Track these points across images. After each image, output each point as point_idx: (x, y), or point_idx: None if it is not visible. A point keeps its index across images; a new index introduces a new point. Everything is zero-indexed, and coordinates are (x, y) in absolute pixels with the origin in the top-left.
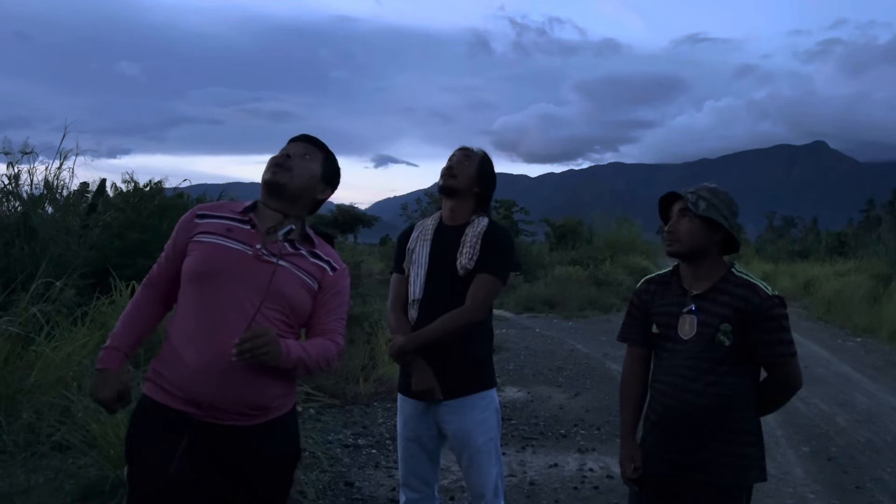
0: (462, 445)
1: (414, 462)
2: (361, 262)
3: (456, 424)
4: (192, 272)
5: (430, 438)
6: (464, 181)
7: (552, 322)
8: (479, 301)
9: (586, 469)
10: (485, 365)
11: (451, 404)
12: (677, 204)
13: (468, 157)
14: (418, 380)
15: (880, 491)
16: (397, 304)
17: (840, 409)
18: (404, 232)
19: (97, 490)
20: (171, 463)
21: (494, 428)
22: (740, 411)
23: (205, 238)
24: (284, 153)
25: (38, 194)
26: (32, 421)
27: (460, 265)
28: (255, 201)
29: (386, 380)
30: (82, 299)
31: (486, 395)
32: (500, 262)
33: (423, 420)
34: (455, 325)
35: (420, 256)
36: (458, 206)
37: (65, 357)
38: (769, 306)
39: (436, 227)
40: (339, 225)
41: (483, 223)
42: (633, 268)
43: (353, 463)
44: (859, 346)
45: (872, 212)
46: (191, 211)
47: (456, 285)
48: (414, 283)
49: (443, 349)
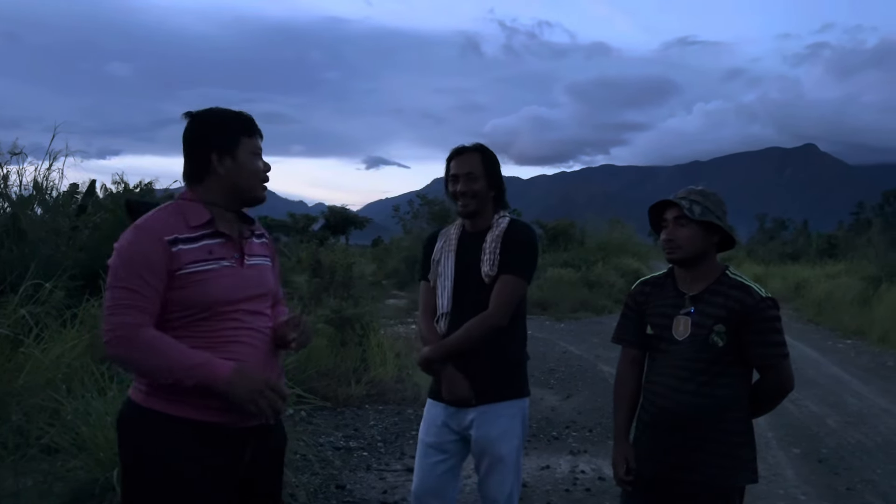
0: (483, 452)
1: (431, 471)
2: (353, 263)
3: (481, 430)
4: (203, 305)
5: (452, 445)
6: (481, 200)
7: (544, 324)
8: (502, 304)
9: (578, 471)
10: (516, 371)
11: (480, 410)
12: (671, 211)
13: (472, 170)
14: (450, 387)
15: (870, 492)
16: (427, 313)
17: (831, 411)
18: (429, 239)
19: (87, 493)
20: (229, 478)
21: (518, 438)
22: (733, 412)
23: (195, 268)
24: (267, 170)
25: (28, 195)
26: (21, 423)
27: (484, 273)
28: (211, 215)
29: (377, 382)
30: (72, 301)
31: (515, 403)
32: (521, 262)
33: (448, 428)
34: (479, 332)
35: (446, 269)
36: (479, 215)
37: (54, 359)
38: (762, 308)
39: (459, 236)
40: (330, 226)
41: (503, 225)
42: (625, 270)
43: (345, 465)
44: (850, 348)
45: (862, 214)
46: (153, 240)
47: (483, 294)
48: (441, 296)
49: (474, 354)
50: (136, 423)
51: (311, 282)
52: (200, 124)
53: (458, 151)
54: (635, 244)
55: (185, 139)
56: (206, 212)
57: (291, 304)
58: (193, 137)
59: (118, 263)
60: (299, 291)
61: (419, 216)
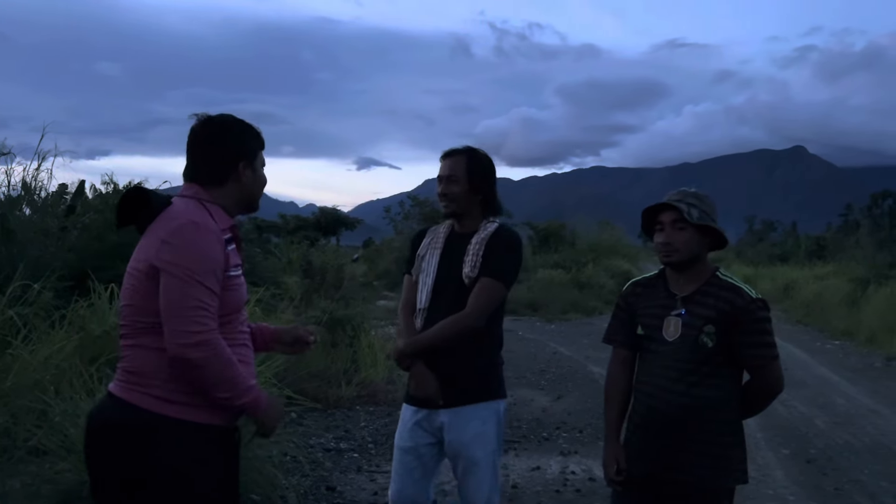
0: (457, 455)
1: (408, 477)
2: (344, 264)
3: (454, 434)
4: (234, 307)
5: (426, 449)
6: (461, 204)
7: (535, 325)
8: (479, 306)
9: (568, 472)
10: (490, 374)
11: (452, 412)
12: (667, 214)
13: (452, 173)
14: (417, 385)
15: (858, 492)
16: (406, 308)
17: (819, 412)
18: (417, 235)
19: (75, 495)
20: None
21: (494, 441)
22: (723, 413)
23: (234, 272)
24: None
25: (16, 195)
26: (9, 425)
27: (464, 274)
28: (232, 220)
29: (368, 383)
30: (60, 302)
31: (488, 405)
32: (503, 266)
33: (421, 429)
34: (453, 331)
35: (429, 265)
36: (464, 218)
37: (42, 360)
38: (753, 309)
39: (447, 236)
40: (321, 227)
41: (490, 229)
42: (616, 271)
43: (335, 467)
44: (838, 349)
45: (851, 216)
46: (218, 239)
47: (462, 294)
48: (421, 292)
49: (447, 355)
50: (153, 432)
51: (302, 283)
52: (234, 130)
53: (446, 154)
54: (625, 246)
55: (211, 141)
56: (226, 216)
57: (282, 305)
58: (226, 142)
59: (193, 260)
60: (290, 293)
61: (410, 217)
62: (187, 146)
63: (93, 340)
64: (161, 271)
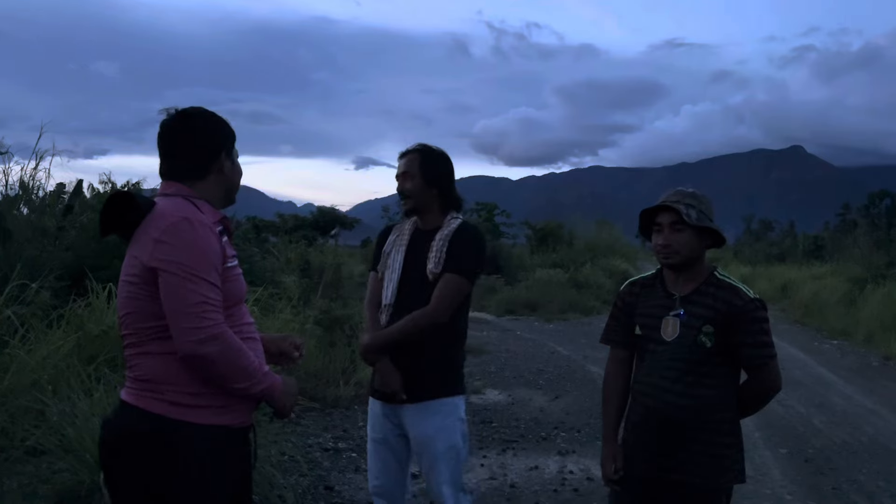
0: (422, 450)
1: (382, 465)
2: (342, 264)
3: (417, 429)
4: (237, 298)
5: (396, 440)
6: (418, 199)
7: (533, 325)
8: (443, 301)
9: (566, 472)
10: (451, 370)
11: (414, 407)
12: (666, 215)
13: (407, 170)
14: (381, 380)
15: (856, 492)
16: (372, 303)
17: (817, 411)
18: (382, 232)
19: (73, 495)
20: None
21: (457, 436)
22: (720, 413)
23: (231, 263)
24: None
25: (14, 195)
26: (6, 425)
27: (429, 270)
28: (221, 213)
29: (366, 383)
30: (58, 301)
31: (449, 401)
32: (466, 262)
33: (388, 421)
34: (416, 326)
35: (395, 262)
36: (424, 214)
37: (40, 360)
38: (750, 309)
39: (412, 233)
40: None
41: (453, 226)
42: (613, 270)
43: (333, 467)
44: (835, 349)
45: (848, 216)
46: (213, 232)
47: (427, 291)
48: (386, 288)
49: (410, 350)
50: (172, 437)
51: (300, 282)
52: (213, 122)
53: (402, 153)
54: (623, 245)
55: (192, 134)
56: (214, 209)
57: (280, 304)
58: (207, 134)
59: (191, 256)
60: (288, 292)
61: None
62: (163, 143)
63: (90, 340)
64: (159, 272)
